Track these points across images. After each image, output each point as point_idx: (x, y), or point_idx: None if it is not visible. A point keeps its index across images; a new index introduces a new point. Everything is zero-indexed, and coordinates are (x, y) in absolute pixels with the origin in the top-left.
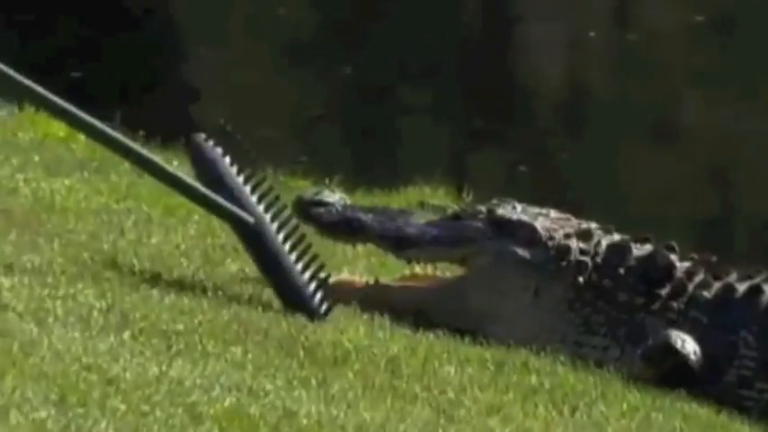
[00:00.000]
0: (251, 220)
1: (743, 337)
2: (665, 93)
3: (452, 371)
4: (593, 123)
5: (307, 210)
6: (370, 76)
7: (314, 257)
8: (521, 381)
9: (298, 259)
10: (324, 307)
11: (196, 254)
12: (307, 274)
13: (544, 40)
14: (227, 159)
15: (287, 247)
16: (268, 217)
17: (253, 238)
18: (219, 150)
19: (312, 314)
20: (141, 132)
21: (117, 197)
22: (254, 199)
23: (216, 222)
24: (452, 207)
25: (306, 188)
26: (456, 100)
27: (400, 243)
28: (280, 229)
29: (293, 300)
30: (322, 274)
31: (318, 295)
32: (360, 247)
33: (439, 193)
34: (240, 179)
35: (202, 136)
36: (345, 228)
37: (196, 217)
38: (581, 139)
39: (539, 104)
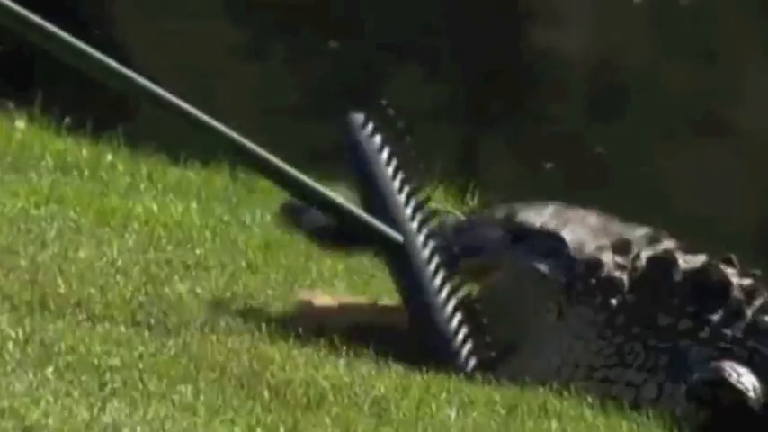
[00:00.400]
0: (399, 238)
1: None
2: (725, 73)
3: (453, 415)
4: (632, 110)
5: (294, 213)
6: (354, 54)
7: (468, 296)
8: (538, 427)
9: (448, 297)
10: (471, 363)
11: (135, 271)
12: (456, 318)
13: (574, 5)
14: (386, 153)
15: (438, 279)
16: (420, 237)
17: (399, 261)
18: (378, 140)
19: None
20: (67, 120)
21: (37, 200)
22: (408, 211)
23: (160, 231)
24: (453, 212)
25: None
26: (462, 79)
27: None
28: (432, 254)
29: (432, 346)
30: (475, 320)
31: (466, 347)
32: (341, 264)
33: (438, 193)
34: (396, 183)
35: (361, 118)
36: (339, 235)
37: (135, 225)
38: (618, 130)
39: (566, 86)
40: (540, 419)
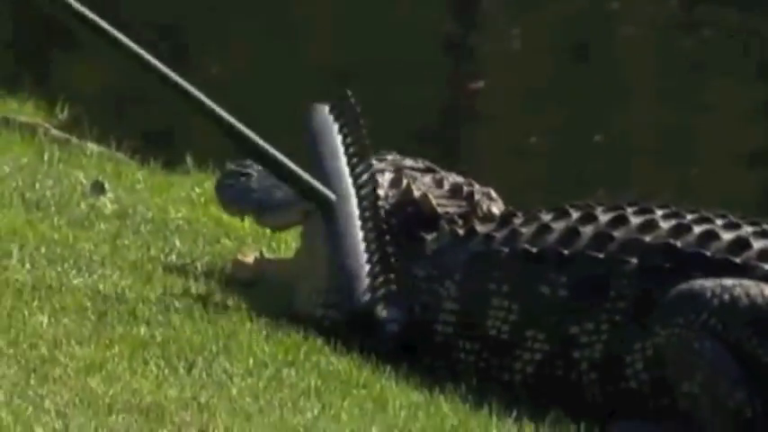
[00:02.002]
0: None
1: (447, 287)
2: None
3: (45, 321)
4: None
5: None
6: None
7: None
8: (127, 332)
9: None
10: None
11: None
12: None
13: None
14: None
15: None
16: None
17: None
18: (336, 128)
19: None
20: None
21: None
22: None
23: None
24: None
25: None
26: None
27: (260, 208)
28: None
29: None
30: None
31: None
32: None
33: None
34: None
35: (324, 108)
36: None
37: None
38: None
39: None
40: (130, 325)
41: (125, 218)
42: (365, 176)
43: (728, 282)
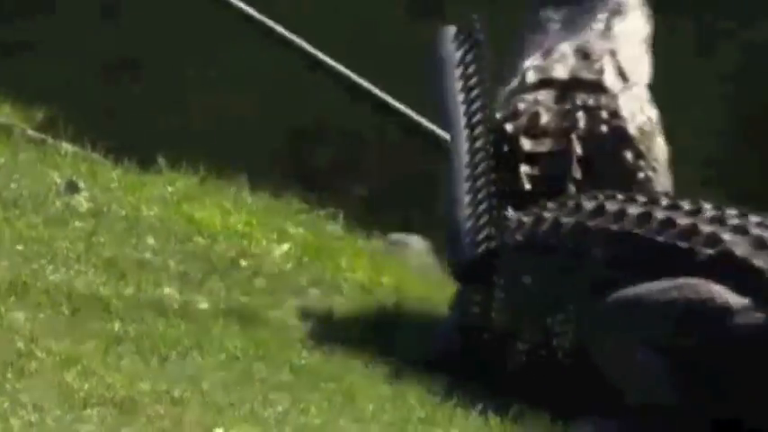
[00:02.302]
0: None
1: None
2: None
3: (22, 317)
4: None
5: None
6: None
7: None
8: (101, 327)
9: (477, 203)
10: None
11: None
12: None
13: None
14: (462, 68)
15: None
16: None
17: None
18: (459, 54)
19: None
20: None
21: None
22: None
23: None
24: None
25: None
26: None
27: None
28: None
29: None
30: (491, 239)
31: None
32: None
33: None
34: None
35: (452, 30)
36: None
37: None
38: None
39: None
40: (104, 321)
41: (100, 216)
42: (479, 116)
43: (661, 284)
